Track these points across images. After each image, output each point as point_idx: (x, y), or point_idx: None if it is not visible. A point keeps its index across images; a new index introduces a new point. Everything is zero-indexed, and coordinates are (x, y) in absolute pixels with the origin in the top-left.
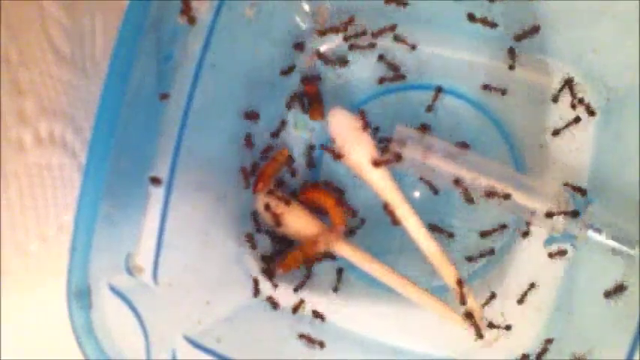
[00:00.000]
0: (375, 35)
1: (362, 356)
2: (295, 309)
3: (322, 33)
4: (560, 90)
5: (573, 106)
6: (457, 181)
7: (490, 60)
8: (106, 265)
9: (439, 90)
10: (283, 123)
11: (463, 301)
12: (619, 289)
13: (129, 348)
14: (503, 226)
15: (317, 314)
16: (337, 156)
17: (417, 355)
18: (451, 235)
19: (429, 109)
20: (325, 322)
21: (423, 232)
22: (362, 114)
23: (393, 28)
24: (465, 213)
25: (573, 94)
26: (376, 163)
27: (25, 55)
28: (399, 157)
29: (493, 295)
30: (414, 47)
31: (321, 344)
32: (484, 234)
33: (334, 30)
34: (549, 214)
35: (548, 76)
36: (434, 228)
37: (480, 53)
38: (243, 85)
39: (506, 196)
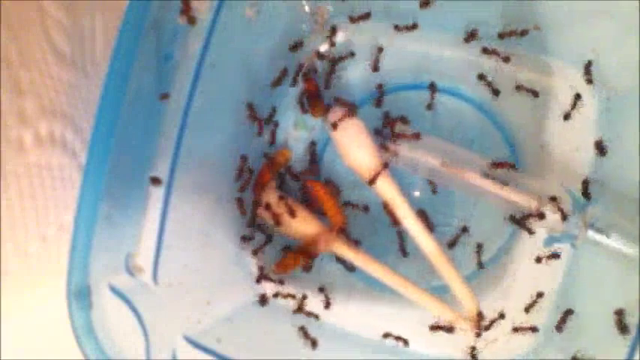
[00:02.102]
0: (354, 20)
1: (362, 356)
2: (299, 309)
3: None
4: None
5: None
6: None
7: (491, 60)
8: (106, 265)
9: (432, 86)
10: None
11: (478, 329)
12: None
13: (129, 348)
14: (465, 229)
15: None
16: (334, 126)
17: (417, 355)
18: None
19: (429, 107)
20: (324, 320)
21: (423, 232)
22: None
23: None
24: (464, 213)
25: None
26: (371, 182)
27: (25, 55)
28: (386, 165)
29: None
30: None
31: (314, 343)
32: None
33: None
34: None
35: (548, 76)
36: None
37: (480, 53)
38: (243, 85)
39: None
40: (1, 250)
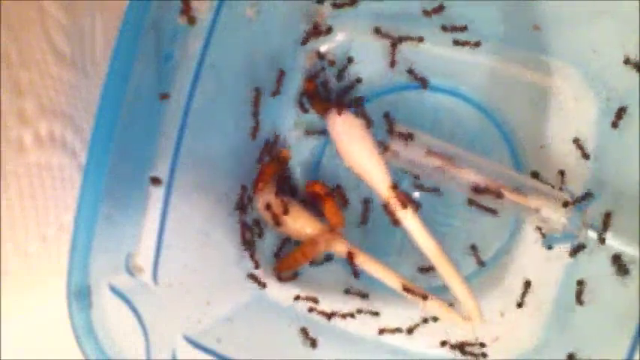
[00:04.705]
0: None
1: (362, 356)
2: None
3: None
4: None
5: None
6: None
7: (490, 60)
8: (106, 265)
9: (411, 71)
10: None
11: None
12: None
13: (129, 348)
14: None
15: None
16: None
17: (417, 355)
18: (417, 207)
19: (424, 85)
20: (324, 320)
21: (423, 232)
22: (363, 114)
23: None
24: (465, 213)
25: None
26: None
27: (25, 55)
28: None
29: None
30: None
31: (314, 343)
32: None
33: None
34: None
35: (548, 76)
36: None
37: (480, 53)
38: (243, 85)
39: (499, 195)
40: (1, 250)
